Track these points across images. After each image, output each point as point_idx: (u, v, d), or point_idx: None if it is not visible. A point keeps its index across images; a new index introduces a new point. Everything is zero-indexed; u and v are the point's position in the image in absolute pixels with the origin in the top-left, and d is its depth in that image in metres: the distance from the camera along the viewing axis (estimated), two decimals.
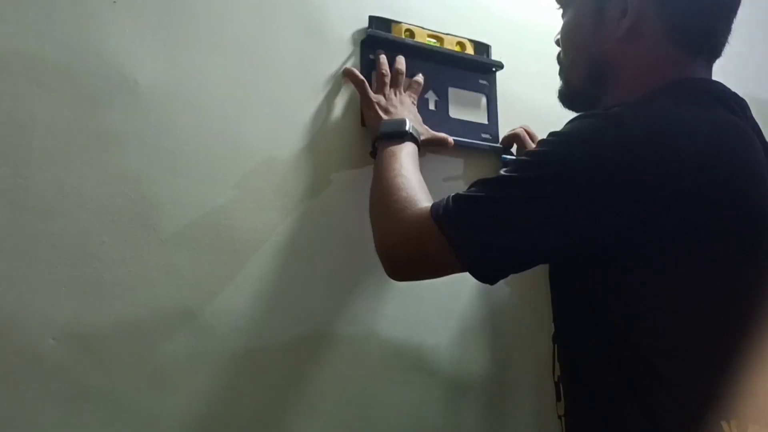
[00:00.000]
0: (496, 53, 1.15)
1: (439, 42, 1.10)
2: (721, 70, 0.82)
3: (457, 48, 1.11)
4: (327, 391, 0.93)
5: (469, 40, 1.13)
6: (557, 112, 0.87)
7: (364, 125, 1.01)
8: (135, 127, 0.86)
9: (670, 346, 0.67)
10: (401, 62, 1.02)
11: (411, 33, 1.07)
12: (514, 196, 0.70)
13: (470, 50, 1.12)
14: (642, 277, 0.68)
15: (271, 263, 0.92)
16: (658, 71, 0.77)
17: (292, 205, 0.95)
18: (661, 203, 0.65)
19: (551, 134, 0.72)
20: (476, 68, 1.13)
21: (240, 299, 0.89)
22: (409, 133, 0.92)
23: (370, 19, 1.05)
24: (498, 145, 1.12)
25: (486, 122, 1.12)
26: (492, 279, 0.73)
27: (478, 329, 1.07)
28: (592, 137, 0.68)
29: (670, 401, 0.66)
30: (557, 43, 0.89)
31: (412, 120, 0.95)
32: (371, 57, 1.03)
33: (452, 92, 1.10)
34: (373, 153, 0.94)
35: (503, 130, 1.13)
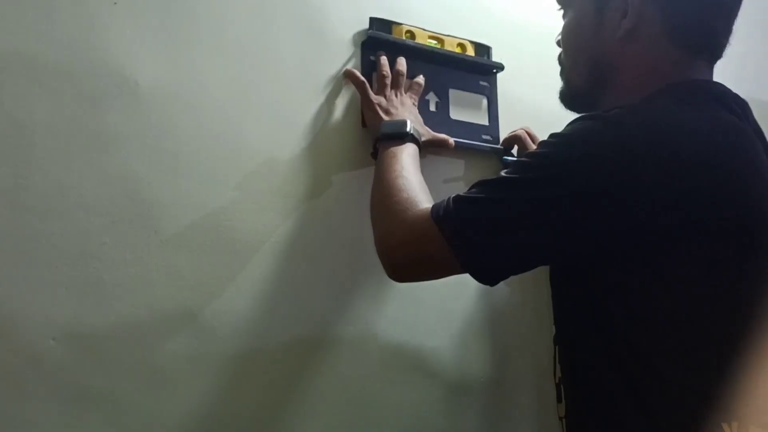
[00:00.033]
0: (496, 54, 1.15)
1: (440, 43, 1.09)
2: (720, 70, 0.81)
3: (457, 49, 1.11)
4: (327, 392, 0.93)
5: (470, 42, 1.13)
6: (558, 114, 0.87)
7: (364, 126, 1.01)
8: (135, 128, 0.86)
9: (671, 348, 0.67)
10: (402, 63, 1.02)
11: (412, 34, 1.07)
12: (514, 197, 0.70)
13: (471, 51, 1.12)
14: (642, 277, 0.68)
15: (271, 264, 0.92)
16: (658, 72, 0.77)
17: (292, 206, 0.95)
18: (661, 203, 0.65)
19: (552, 136, 0.72)
20: (477, 69, 1.13)
21: (240, 300, 0.89)
22: (410, 134, 0.92)
23: (371, 20, 1.05)
24: (499, 146, 1.12)
25: (487, 123, 1.12)
26: (492, 280, 0.73)
27: (478, 330, 1.07)
28: (592, 138, 0.69)
29: (671, 403, 0.66)
30: (558, 44, 0.89)
31: (413, 121, 0.95)
32: (372, 58, 1.03)
33: (453, 93, 1.10)
34: (374, 154, 0.94)
35: (504, 132, 1.13)
